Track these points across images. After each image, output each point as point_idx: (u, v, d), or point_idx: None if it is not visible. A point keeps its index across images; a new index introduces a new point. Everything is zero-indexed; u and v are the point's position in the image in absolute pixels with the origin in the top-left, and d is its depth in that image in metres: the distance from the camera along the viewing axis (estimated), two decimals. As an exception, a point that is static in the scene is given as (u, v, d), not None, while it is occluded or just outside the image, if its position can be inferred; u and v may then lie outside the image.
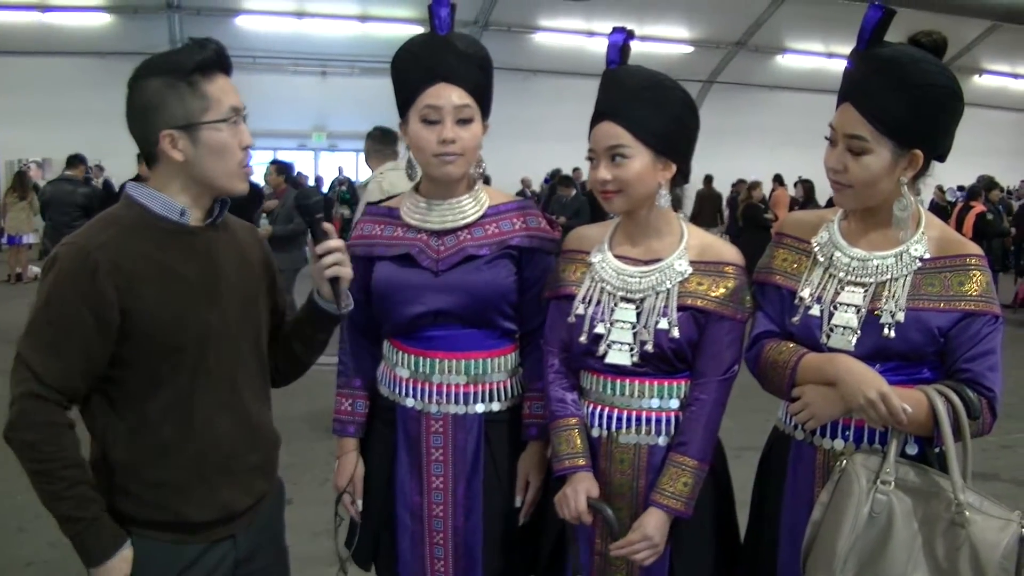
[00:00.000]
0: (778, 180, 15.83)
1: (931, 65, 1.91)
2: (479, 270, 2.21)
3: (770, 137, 21.47)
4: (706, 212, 16.01)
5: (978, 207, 11.70)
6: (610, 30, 2.14)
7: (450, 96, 2.13)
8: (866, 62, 1.95)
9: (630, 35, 2.13)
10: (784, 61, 22.79)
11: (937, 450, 1.92)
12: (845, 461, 1.95)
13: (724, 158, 19.98)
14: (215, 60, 1.84)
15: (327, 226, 1.98)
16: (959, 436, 1.88)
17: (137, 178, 5.46)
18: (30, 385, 1.75)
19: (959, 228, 11.25)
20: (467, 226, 2.23)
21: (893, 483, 1.89)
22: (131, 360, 1.81)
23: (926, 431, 1.90)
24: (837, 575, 1.88)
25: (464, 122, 2.15)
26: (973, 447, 1.89)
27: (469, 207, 2.24)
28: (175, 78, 1.80)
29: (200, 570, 1.90)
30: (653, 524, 2.06)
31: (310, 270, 2.04)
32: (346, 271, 1.96)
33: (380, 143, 6.05)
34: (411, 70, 2.17)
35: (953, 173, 18.47)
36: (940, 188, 16.07)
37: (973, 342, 1.92)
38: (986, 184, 12.79)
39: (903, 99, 1.89)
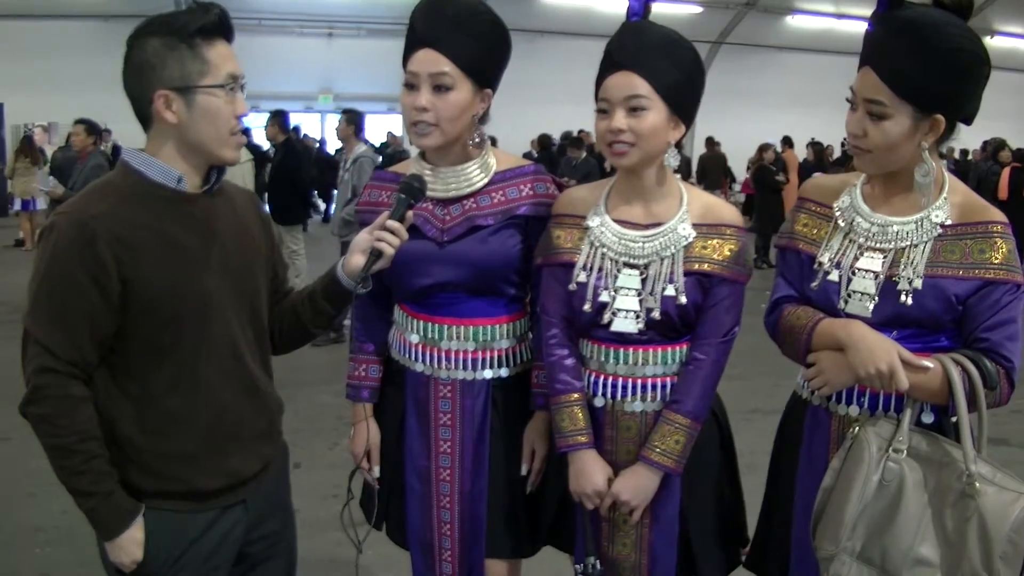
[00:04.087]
0: (787, 142, 15.69)
1: (954, 28, 1.85)
2: (484, 241, 2.18)
3: (779, 98, 21.23)
4: (711, 175, 15.86)
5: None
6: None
7: (428, 62, 2.09)
8: (886, 25, 1.90)
9: None
10: (794, 22, 22.49)
11: (953, 419, 1.90)
12: (857, 428, 1.94)
13: (733, 119, 19.76)
14: (218, 25, 1.81)
15: (410, 215, 2.00)
16: (974, 406, 1.86)
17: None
18: (42, 359, 1.74)
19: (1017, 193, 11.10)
20: (473, 194, 2.20)
21: (905, 451, 1.88)
22: (132, 331, 1.80)
23: (941, 400, 1.89)
24: (844, 543, 1.88)
25: (441, 89, 2.09)
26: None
27: (475, 174, 2.20)
28: (176, 39, 1.77)
29: (213, 536, 1.91)
30: (626, 484, 2.09)
31: (352, 239, 2.04)
32: (391, 253, 1.95)
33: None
34: (409, 33, 2.14)
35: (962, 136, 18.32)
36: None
37: (992, 311, 1.89)
38: (996, 145, 12.71)
39: (924, 63, 1.84)
